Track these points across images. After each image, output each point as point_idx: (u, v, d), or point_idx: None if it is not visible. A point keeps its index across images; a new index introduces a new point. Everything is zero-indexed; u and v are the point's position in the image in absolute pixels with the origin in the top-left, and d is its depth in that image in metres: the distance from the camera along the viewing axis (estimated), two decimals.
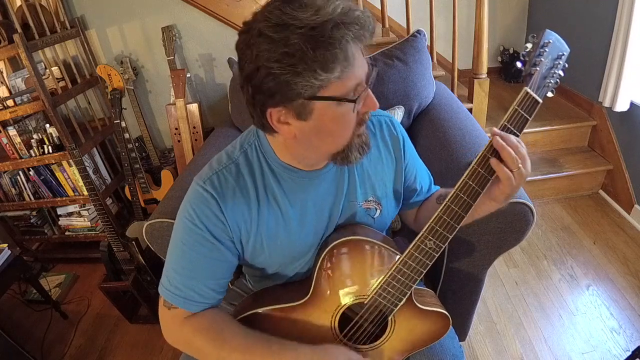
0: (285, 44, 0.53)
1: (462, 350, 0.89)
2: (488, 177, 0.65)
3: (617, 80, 1.86)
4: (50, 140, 1.80)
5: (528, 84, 0.62)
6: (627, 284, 1.65)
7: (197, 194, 0.71)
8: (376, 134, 0.82)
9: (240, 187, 0.72)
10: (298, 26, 0.53)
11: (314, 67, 0.54)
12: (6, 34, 1.55)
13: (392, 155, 0.83)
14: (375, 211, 0.82)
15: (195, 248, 0.71)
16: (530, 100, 0.62)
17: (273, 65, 0.54)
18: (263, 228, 0.74)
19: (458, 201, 0.66)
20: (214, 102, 2.06)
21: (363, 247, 0.74)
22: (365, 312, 0.75)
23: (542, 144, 2.26)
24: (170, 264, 0.74)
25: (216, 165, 0.74)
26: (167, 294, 0.73)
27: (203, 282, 0.72)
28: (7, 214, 2.11)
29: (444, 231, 0.67)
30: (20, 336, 1.80)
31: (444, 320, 0.79)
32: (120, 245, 1.62)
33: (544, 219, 2.06)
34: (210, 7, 1.79)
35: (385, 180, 0.83)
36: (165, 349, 1.63)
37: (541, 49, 0.62)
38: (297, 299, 0.76)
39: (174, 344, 0.75)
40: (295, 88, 0.56)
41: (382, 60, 1.37)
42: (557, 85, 0.64)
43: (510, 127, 0.63)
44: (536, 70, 0.62)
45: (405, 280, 0.71)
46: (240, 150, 0.75)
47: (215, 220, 0.70)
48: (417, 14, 1.98)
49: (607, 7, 1.94)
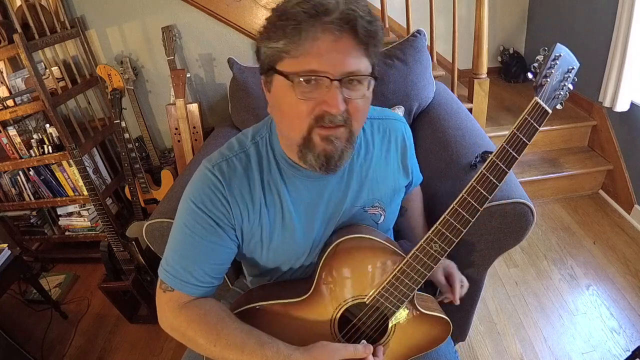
0: (270, 17, 0.61)
1: (457, 355, 0.88)
2: (496, 183, 0.65)
3: (617, 81, 1.86)
4: (50, 140, 1.80)
5: (538, 95, 0.63)
6: (627, 284, 1.65)
7: (205, 177, 0.72)
8: (385, 139, 0.81)
9: (247, 177, 0.72)
10: (285, 4, 0.59)
11: (269, 35, 0.60)
12: (6, 34, 1.55)
13: (399, 163, 0.83)
14: (380, 217, 0.82)
15: (197, 231, 0.71)
16: (540, 110, 0.63)
17: (258, 31, 0.63)
18: (264, 222, 0.74)
19: (466, 205, 0.66)
20: (214, 102, 2.06)
21: (367, 246, 0.73)
22: (365, 313, 0.75)
23: (542, 144, 2.26)
24: (170, 245, 0.74)
25: (227, 151, 0.74)
26: (164, 275, 0.73)
27: (200, 265, 0.72)
28: (7, 214, 2.11)
29: (450, 234, 0.67)
30: (20, 336, 1.80)
31: (444, 326, 0.78)
32: (120, 245, 1.62)
33: (544, 219, 2.06)
34: (210, 7, 1.79)
35: (391, 186, 0.82)
36: (165, 349, 1.63)
37: (552, 61, 0.63)
38: (297, 296, 0.75)
39: (167, 330, 0.74)
40: (261, 55, 0.64)
41: (382, 60, 1.37)
42: (566, 97, 0.65)
43: (520, 135, 0.63)
44: (547, 82, 0.63)
45: (409, 283, 0.70)
46: (252, 141, 0.75)
47: (219, 205, 0.71)
48: (417, 14, 1.98)
49: (607, 6, 1.94)
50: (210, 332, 0.69)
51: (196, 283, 0.72)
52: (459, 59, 1.88)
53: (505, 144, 0.64)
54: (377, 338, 0.77)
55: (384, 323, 0.76)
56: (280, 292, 0.79)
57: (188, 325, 0.71)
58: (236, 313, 0.76)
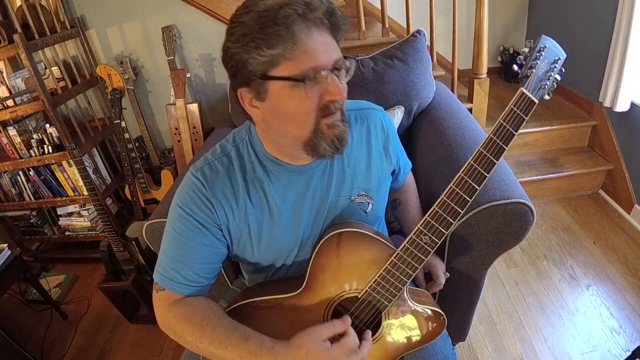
0: (243, 27, 0.59)
1: (454, 352, 0.88)
2: (485, 174, 0.66)
3: (617, 81, 1.86)
4: (50, 140, 1.80)
5: (524, 85, 0.64)
6: (627, 284, 1.65)
7: (189, 182, 0.75)
8: (363, 128, 0.83)
9: (230, 178, 0.75)
10: (256, 10, 0.58)
11: (260, 44, 0.58)
12: (6, 34, 1.55)
13: (382, 151, 0.85)
14: (368, 205, 0.83)
15: (184, 233, 0.74)
16: (526, 100, 0.64)
17: (232, 46, 0.61)
18: (251, 220, 0.76)
19: (454, 197, 0.67)
20: (214, 102, 2.06)
21: (358, 240, 0.73)
22: (358, 307, 0.75)
23: (542, 144, 2.26)
24: (162, 248, 0.77)
25: (210, 156, 0.77)
26: (156, 276, 0.76)
27: (189, 266, 0.74)
28: (7, 214, 2.11)
29: (440, 226, 0.68)
30: (20, 336, 1.80)
31: (439, 319, 0.79)
32: (120, 245, 1.62)
33: (544, 219, 2.06)
34: (210, 7, 1.79)
35: (376, 174, 0.84)
36: (165, 349, 1.63)
37: (537, 52, 0.64)
38: (290, 291, 0.76)
39: (163, 328, 0.76)
40: (249, 66, 0.61)
41: (382, 60, 1.37)
42: (553, 88, 0.66)
43: (507, 125, 0.64)
44: (532, 73, 0.64)
45: (400, 275, 0.71)
46: (233, 144, 0.78)
47: (204, 207, 0.73)
48: (417, 14, 1.98)
49: (607, 6, 1.94)
50: (195, 328, 0.71)
51: (185, 282, 0.74)
52: (459, 59, 1.88)
53: (493, 135, 0.65)
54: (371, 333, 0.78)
55: (377, 317, 0.76)
56: (275, 289, 0.79)
57: (176, 323, 0.73)
58: (231, 310, 0.77)
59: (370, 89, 1.34)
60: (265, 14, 0.57)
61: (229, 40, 0.62)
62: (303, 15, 0.58)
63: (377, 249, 0.73)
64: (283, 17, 0.57)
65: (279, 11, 0.57)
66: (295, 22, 0.57)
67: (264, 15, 0.57)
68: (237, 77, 0.64)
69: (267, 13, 0.57)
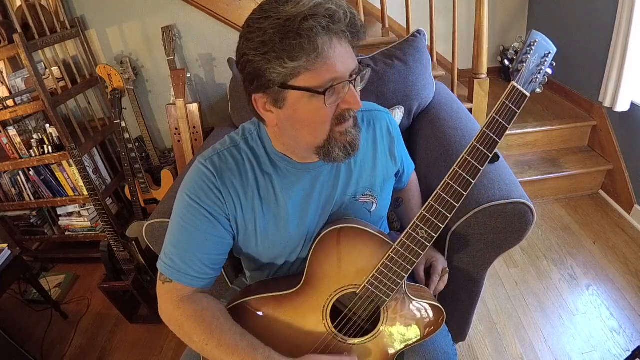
0: (262, 34, 0.58)
1: (454, 348, 0.89)
2: (478, 167, 0.66)
3: (617, 81, 1.86)
4: (50, 140, 1.80)
5: (515, 79, 0.65)
6: (627, 284, 1.65)
7: (198, 171, 0.74)
8: (370, 130, 0.84)
9: (239, 168, 0.75)
10: (275, 18, 0.57)
11: (282, 55, 0.57)
12: (6, 34, 1.55)
13: (387, 152, 0.86)
14: (372, 205, 0.84)
15: (192, 222, 0.73)
16: (517, 94, 0.65)
17: (251, 52, 0.60)
18: (258, 212, 0.76)
19: (449, 190, 0.67)
20: (214, 102, 2.06)
21: (355, 235, 0.74)
22: (357, 302, 0.76)
23: (542, 144, 2.26)
24: (169, 238, 0.76)
25: (219, 146, 0.78)
26: (163, 267, 0.75)
27: (197, 257, 0.74)
28: (7, 214, 2.11)
29: (436, 220, 0.69)
30: (20, 336, 1.80)
31: (437, 314, 0.79)
32: (120, 245, 1.62)
33: (544, 219, 2.06)
34: (210, 7, 1.79)
35: (381, 174, 0.84)
36: (165, 349, 1.63)
37: (528, 47, 0.65)
38: (289, 288, 0.76)
39: (166, 321, 0.76)
40: (268, 75, 0.60)
41: (382, 60, 1.37)
42: (545, 82, 0.67)
43: (499, 119, 0.65)
44: (523, 67, 0.65)
45: (398, 270, 0.71)
46: (242, 136, 0.78)
47: (213, 197, 0.73)
48: (417, 14, 1.98)
49: (607, 6, 1.94)
50: (204, 329, 0.70)
51: (193, 274, 0.74)
52: (459, 59, 1.88)
53: (485, 128, 0.66)
54: (370, 328, 0.78)
55: (376, 312, 0.76)
56: (275, 286, 0.79)
57: (185, 321, 0.73)
58: (232, 307, 0.77)
59: (371, 89, 1.34)
60: (287, 24, 0.56)
61: (246, 47, 0.60)
62: (327, 27, 0.57)
63: (375, 244, 0.74)
64: (307, 29, 0.56)
65: (302, 23, 0.55)
66: (318, 35, 0.57)
67: (286, 25, 0.56)
68: (253, 83, 0.63)
69: (289, 23, 0.56)
